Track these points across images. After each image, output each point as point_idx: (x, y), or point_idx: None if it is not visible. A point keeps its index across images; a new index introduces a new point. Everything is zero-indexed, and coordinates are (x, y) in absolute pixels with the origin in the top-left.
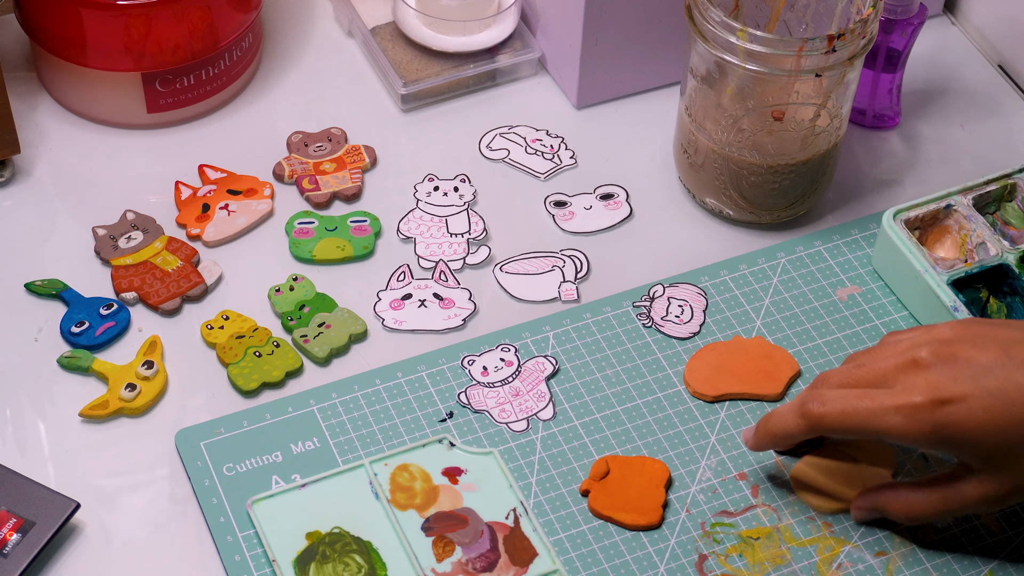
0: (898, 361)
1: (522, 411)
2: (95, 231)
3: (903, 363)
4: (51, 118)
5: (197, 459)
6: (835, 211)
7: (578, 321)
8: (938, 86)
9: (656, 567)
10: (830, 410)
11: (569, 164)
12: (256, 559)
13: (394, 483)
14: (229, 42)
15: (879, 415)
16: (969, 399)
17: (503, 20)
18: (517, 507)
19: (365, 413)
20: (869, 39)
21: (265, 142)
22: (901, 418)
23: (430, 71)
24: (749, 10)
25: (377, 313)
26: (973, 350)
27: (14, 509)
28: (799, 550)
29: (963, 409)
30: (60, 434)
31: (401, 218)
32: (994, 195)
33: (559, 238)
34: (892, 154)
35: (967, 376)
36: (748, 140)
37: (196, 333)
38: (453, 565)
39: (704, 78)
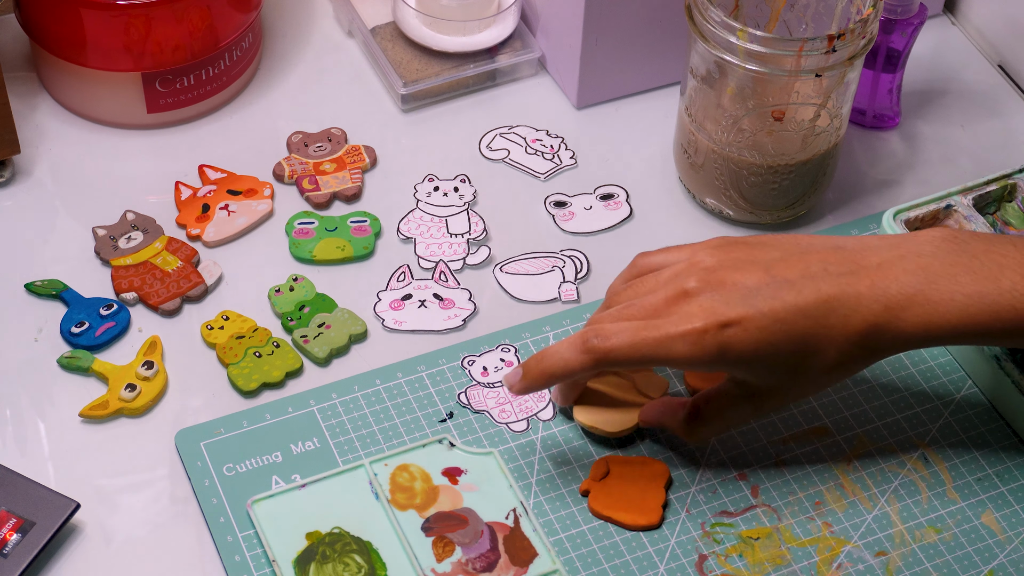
0: (667, 294)
1: (522, 411)
2: (95, 231)
3: (673, 295)
4: (51, 118)
5: (197, 459)
6: (835, 211)
7: (578, 321)
8: (938, 86)
9: (656, 567)
10: (617, 343)
11: (569, 164)
12: (256, 559)
13: (394, 483)
14: (229, 42)
15: (665, 343)
16: (745, 320)
17: (503, 20)
18: (517, 507)
19: (365, 413)
20: (869, 39)
21: (265, 142)
22: (687, 345)
23: (430, 71)
24: (749, 10)
25: (377, 313)
26: (738, 274)
27: (14, 509)
28: (799, 550)
29: (741, 331)
30: (60, 434)
31: (401, 218)
32: (994, 195)
33: (559, 238)
34: (892, 154)
35: (738, 299)
36: (748, 140)
37: (196, 333)
38: (453, 565)
39: (704, 78)
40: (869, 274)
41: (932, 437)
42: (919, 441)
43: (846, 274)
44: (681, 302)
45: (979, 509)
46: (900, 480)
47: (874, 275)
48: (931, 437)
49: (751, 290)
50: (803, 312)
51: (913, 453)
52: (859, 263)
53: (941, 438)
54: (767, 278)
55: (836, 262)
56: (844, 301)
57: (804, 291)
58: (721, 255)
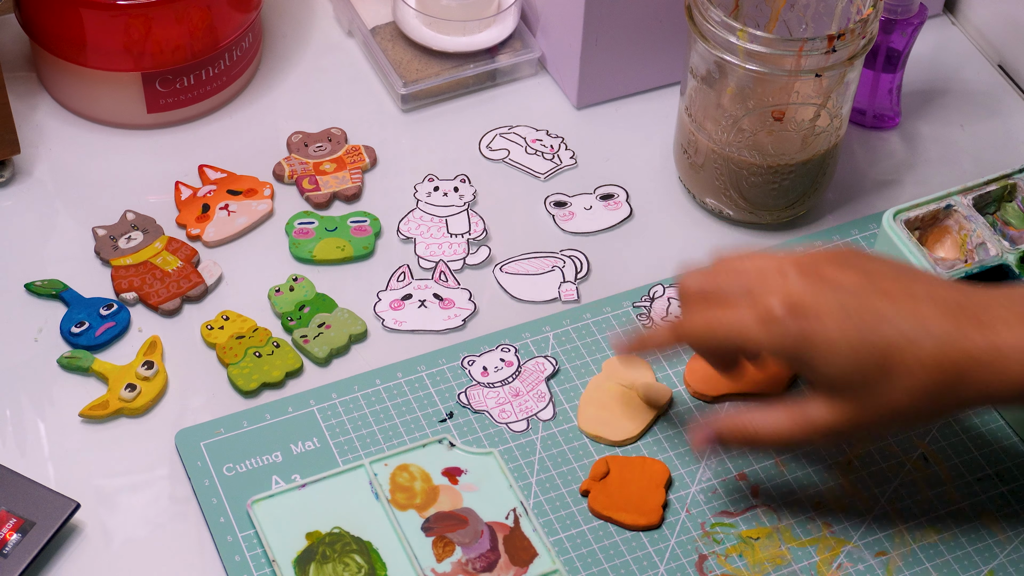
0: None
1: (522, 411)
2: (95, 231)
3: (771, 268)
4: (51, 118)
5: (197, 459)
6: (835, 211)
7: (578, 321)
8: (938, 86)
9: (656, 567)
10: (694, 320)
11: (569, 164)
12: (256, 559)
13: (394, 483)
14: (229, 42)
15: (741, 324)
16: (824, 315)
17: (503, 20)
18: (517, 507)
19: (365, 413)
20: (869, 39)
21: (265, 142)
22: (763, 327)
23: (430, 71)
24: (749, 10)
25: (377, 313)
26: (837, 270)
27: (14, 509)
28: (799, 550)
29: (818, 324)
30: (60, 434)
31: (401, 218)
32: (994, 195)
33: (559, 238)
34: (892, 154)
35: (827, 291)
36: (748, 140)
37: (196, 333)
38: (453, 565)
39: (704, 78)
40: (975, 313)
41: (932, 437)
42: (919, 441)
43: (952, 305)
44: (772, 279)
45: (979, 509)
46: (900, 480)
47: (982, 316)
48: (931, 437)
49: (844, 288)
50: (892, 323)
51: (913, 453)
52: (968, 299)
53: (941, 438)
54: (866, 282)
55: (943, 290)
56: (942, 329)
57: (900, 304)
58: (831, 252)
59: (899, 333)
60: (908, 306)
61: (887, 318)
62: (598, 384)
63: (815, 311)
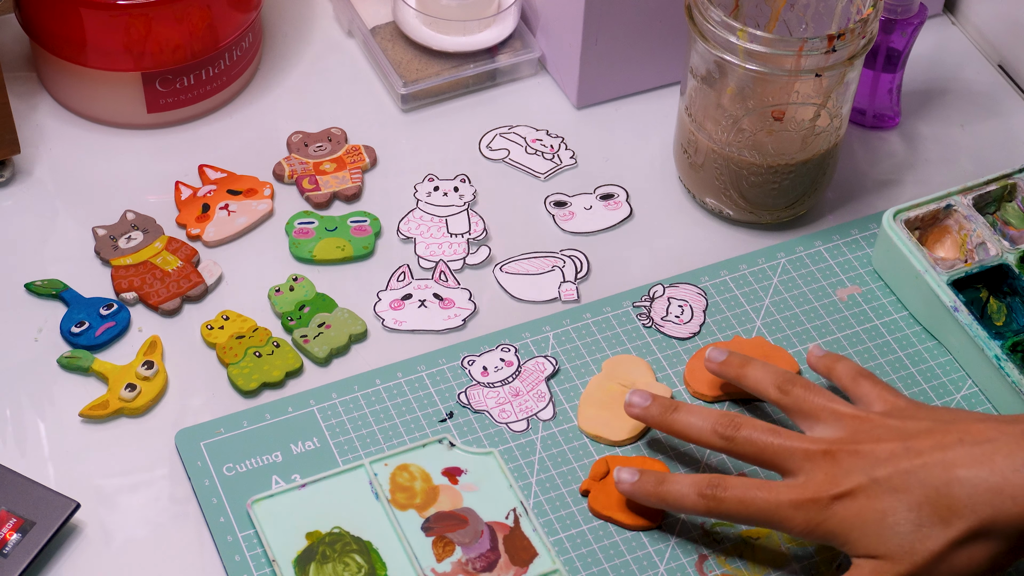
0: (811, 447)
1: (522, 411)
2: (95, 231)
3: (815, 451)
4: (51, 118)
5: (197, 459)
6: (835, 211)
7: (578, 321)
8: (938, 86)
9: (656, 567)
10: (731, 497)
11: (569, 164)
12: (256, 559)
13: (394, 483)
14: (229, 42)
15: (776, 509)
16: (856, 490)
17: (503, 20)
18: (517, 507)
19: (365, 413)
20: (869, 39)
21: (265, 142)
22: (796, 512)
23: (430, 71)
24: (749, 10)
25: (377, 313)
26: (875, 443)
27: (14, 509)
28: (799, 550)
29: (850, 500)
30: (60, 434)
31: (401, 218)
32: (994, 195)
33: (559, 238)
34: (892, 154)
35: (860, 468)
36: (748, 140)
37: (196, 333)
38: (453, 565)
39: (704, 78)
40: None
41: None
42: None
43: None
44: (816, 461)
45: None
46: None
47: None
48: None
49: (878, 460)
50: (920, 480)
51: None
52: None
53: None
54: (900, 448)
55: (975, 433)
56: (969, 478)
57: (928, 461)
58: (879, 421)
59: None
60: (937, 458)
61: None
62: (598, 384)
63: (845, 491)
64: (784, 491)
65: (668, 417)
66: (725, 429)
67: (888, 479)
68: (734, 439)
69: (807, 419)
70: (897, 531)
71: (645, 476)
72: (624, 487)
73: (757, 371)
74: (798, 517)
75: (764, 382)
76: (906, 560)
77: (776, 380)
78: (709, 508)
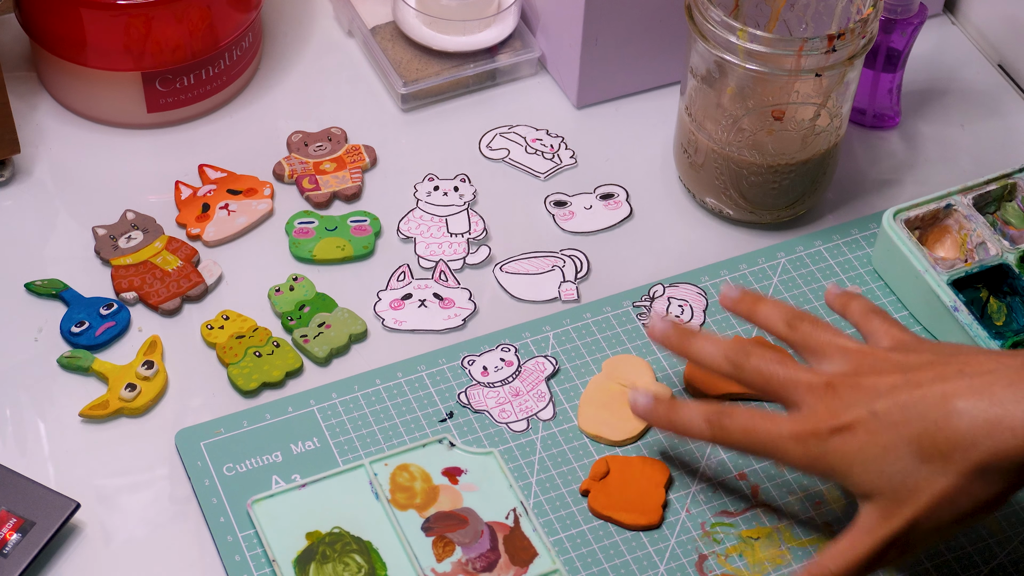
0: (814, 380)
1: (522, 411)
2: (95, 231)
3: (818, 384)
4: (51, 118)
5: (197, 459)
6: (835, 211)
7: (578, 321)
8: (938, 86)
9: (656, 567)
10: (734, 427)
11: (569, 164)
12: (256, 559)
13: (394, 483)
14: (229, 42)
15: (777, 441)
16: (856, 424)
17: (503, 20)
18: (517, 507)
19: (365, 413)
20: (869, 39)
21: (265, 142)
22: (797, 445)
23: (430, 71)
24: (749, 10)
25: (377, 313)
26: (878, 376)
27: (14, 509)
28: (799, 550)
29: (850, 435)
30: (60, 434)
31: (401, 218)
32: (994, 195)
33: (559, 238)
34: (892, 154)
35: (861, 401)
36: (748, 140)
37: (196, 333)
38: (453, 565)
39: (704, 78)
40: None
41: None
42: None
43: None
44: (817, 394)
45: None
46: None
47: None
48: None
49: (879, 393)
50: (920, 413)
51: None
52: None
53: None
54: (901, 380)
55: (976, 364)
56: (968, 409)
57: (927, 393)
58: (882, 355)
59: (929, 423)
60: (936, 390)
61: (913, 407)
62: (598, 384)
63: (845, 424)
64: (786, 423)
65: (686, 343)
66: (736, 355)
67: (888, 412)
68: (743, 367)
69: (814, 355)
70: (899, 467)
71: (659, 401)
72: (639, 410)
73: (768, 307)
74: (798, 450)
75: (773, 318)
76: (911, 500)
77: (785, 316)
78: (715, 435)
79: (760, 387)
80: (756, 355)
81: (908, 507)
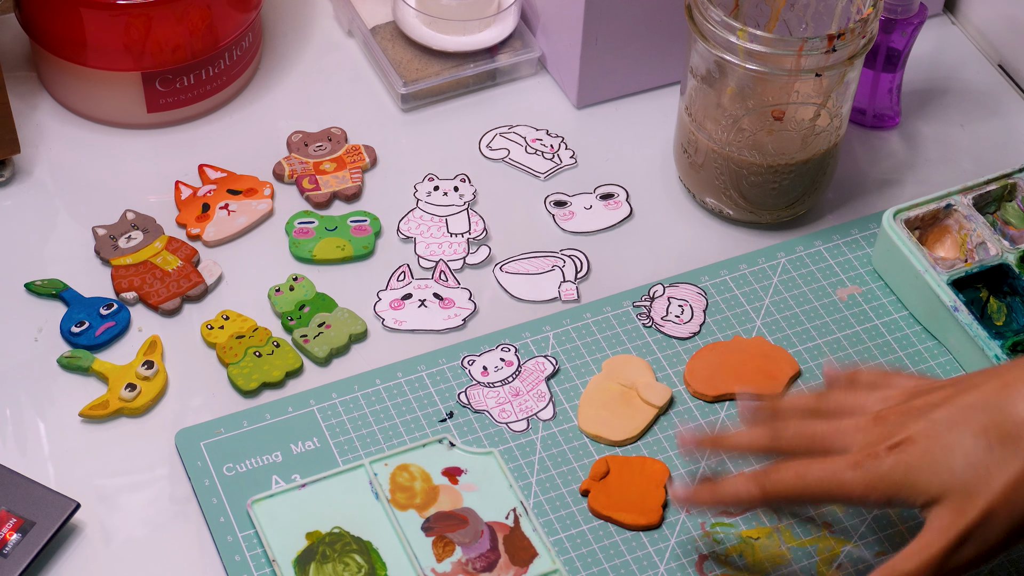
0: (859, 420)
1: (522, 411)
2: (95, 231)
3: (865, 421)
4: (51, 118)
5: (197, 459)
6: (835, 211)
7: (578, 321)
8: (938, 86)
9: (656, 567)
10: (784, 475)
11: (569, 164)
12: (256, 559)
13: (394, 483)
14: (229, 42)
15: (833, 474)
16: (916, 435)
17: (503, 20)
18: (517, 507)
19: (365, 413)
20: (869, 39)
21: (265, 142)
22: (855, 472)
23: (430, 71)
24: (749, 10)
25: (377, 313)
26: (928, 395)
27: (14, 509)
28: (799, 550)
29: (909, 444)
30: (60, 434)
31: (401, 218)
32: (994, 195)
33: (559, 238)
34: (892, 154)
35: (917, 415)
36: (748, 140)
37: (196, 333)
38: (453, 565)
39: (704, 78)
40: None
41: None
42: None
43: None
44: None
45: None
46: None
47: None
48: None
49: (933, 404)
50: (981, 406)
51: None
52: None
53: None
54: (953, 390)
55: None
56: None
57: (986, 389)
58: (925, 383)
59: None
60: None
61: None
62: (598, 384)
63: (904, 438)
64: (839, 459)
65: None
66: (773, 431)
67: (946, 416)
68: (782, 437)
69: (853, 411)
70: (967, 460)
71: (700, 483)
72: (680, 498)
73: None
74: (856, 477)
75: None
76: (984, 489)
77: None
78: (767, 492)
79: (805, 448)
80: (792, 421)
81: (982, 497)
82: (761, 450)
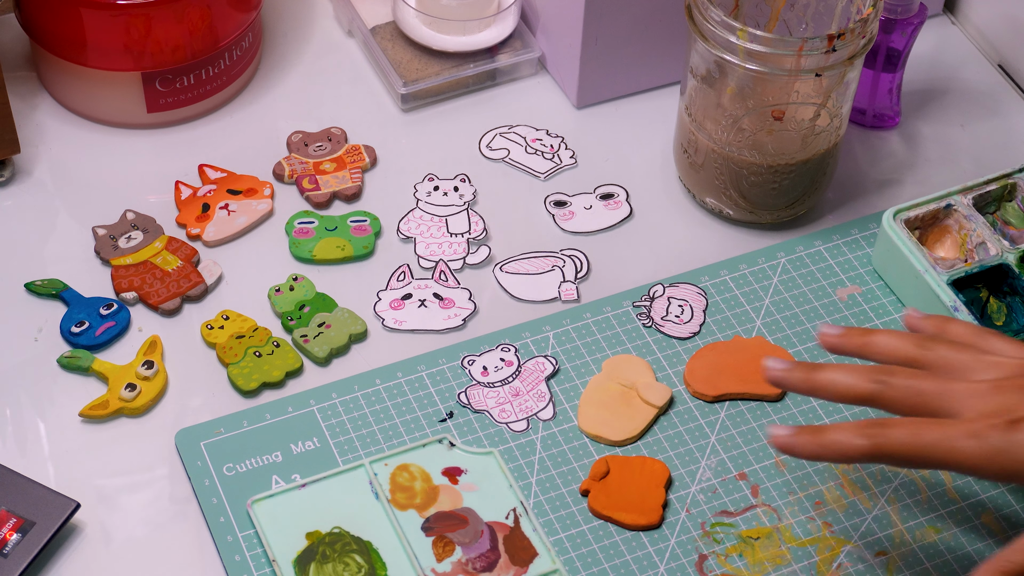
0: (974, 386)
1: (522, 411)
2: (95, 231)
3: (982, 388)
4: (51, 118)
5: (197, 459)
6: (835, 211)
7: (578, 321)
8: (938, 86)
9: (656, 567)
10: (898, 437)
11: (569, 164)
12: (256, 559)
13: (394, 483)
14: (229, 42)
15: (948, 441)
16: None
17: (503, 20)
18: (517, 507)
19: (365, 413)
20: (869, 39)
21: (265, 142)
22: (971, 442)
23: (430, 71)
24: (749, 9)
25: (377, 313)
26: None
27: (14, 509)
28: (799, 550)
29: None
30: (60, 434)
31: (401, 218)
32: (994, 195)
33: (559, 238)
34: (892, 154)
35: None
36: (748, 140)
37: (196, 333)
38: (453, 565)
39: (704, 78)
40: None
41: None
42: None
43: None
44: (981, 398)
45: (979, 509)
46: (900, 480)
47: None
48: None
49: None
50: None
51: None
52: None
53: None
54: None
55: None
56: None
57: None
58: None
59: None
60: None
61: None
62: (598, 384)
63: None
64: (955, 424)
65: (811, 377)
66: (879, 375)
67: None
68: (890, 384)
69: (958, 372)
70: None
71: (800, 432)
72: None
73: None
74: (974, 447)
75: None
76: None
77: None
78: (876, 447)
79: (911, 404)
80: (900, 372)
81: None
82: (856, 397)
